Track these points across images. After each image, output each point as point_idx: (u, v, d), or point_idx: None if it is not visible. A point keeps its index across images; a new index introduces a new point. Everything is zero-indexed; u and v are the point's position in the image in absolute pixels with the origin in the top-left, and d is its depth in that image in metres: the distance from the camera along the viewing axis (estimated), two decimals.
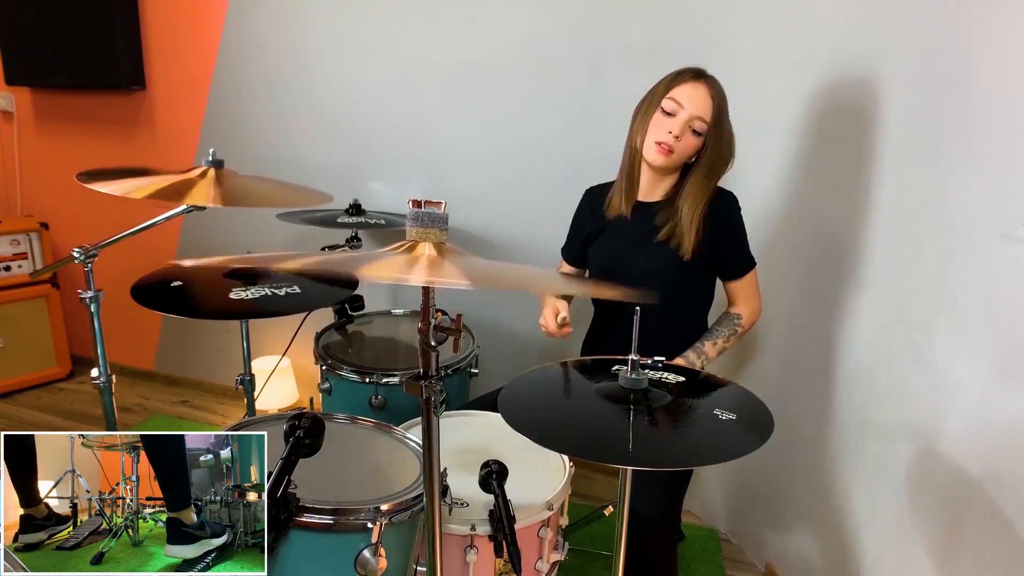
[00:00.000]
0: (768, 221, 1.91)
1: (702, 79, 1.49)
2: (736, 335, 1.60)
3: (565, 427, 1.06)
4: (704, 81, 1.49)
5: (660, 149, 1.50)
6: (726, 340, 1.59)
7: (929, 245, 1.35)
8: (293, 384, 2.73)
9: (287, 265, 0.72)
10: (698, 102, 1.47)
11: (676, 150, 1.49)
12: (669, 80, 1.51)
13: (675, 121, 1.48)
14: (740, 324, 1.61)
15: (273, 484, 0.97)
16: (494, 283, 0.78)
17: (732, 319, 1.61)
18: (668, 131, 1.48)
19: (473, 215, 2.39)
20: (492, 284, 0.77)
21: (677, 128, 1.48)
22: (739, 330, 1.61)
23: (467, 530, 1.19)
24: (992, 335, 1.16)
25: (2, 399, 2.91)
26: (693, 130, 1.49)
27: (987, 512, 1.16)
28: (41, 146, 2.99)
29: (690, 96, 1.48)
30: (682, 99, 1.48)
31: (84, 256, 1.49)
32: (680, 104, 1.48)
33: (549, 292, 1.56)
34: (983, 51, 1.22)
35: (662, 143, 1.49)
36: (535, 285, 0.98)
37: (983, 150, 1.21)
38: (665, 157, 1.50)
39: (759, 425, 1.03)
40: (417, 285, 0.77)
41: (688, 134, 1.49)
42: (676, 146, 1.49)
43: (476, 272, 0.82)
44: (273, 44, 2.50)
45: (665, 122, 1.49)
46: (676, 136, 1.48)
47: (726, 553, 2.12)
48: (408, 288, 2.48)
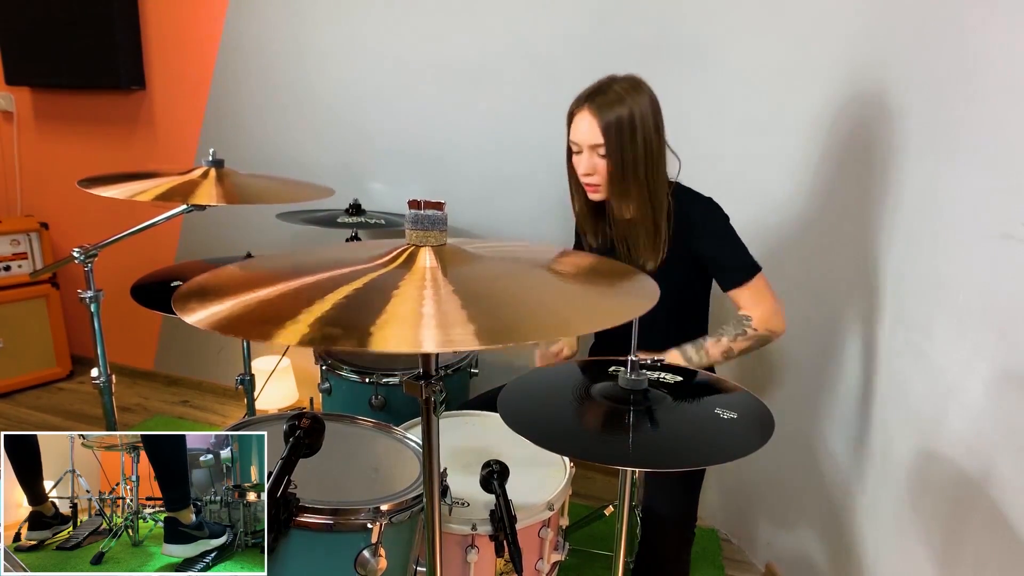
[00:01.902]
0: (768, 221, 1.90)
1: (586, 105, 1.46)
2: (746, 336, 1.53)
3: (565, 428, 1.06)
4: (587, 106, 1.46)
5: (590, 190, 1.52)
6: (733, 340, 1.53)
7: (929, 245, 1.35)
8: (293, 384, 2.73)
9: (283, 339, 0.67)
10: (585, 132, 1.46)
11: (601, 182, 1.49)
12: (567, 120, 1.52)
13: (582, 160, 1.49)
14: (750, 325, 1.53)
15: (273, 484, 0.97)
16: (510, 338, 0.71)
17: (741, 320, 1.55)
18: (582, 172, 1.49)
19: (473, 215, 2.39)
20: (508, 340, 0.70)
21: (584, 167, 1.48)
22: (749, 331, 1.53)
23: (468, 530, 1.19)
24: (992, 335, 1.16)
25: (2, 399, 2.91)
26: (600, 155, 1.47)
27: (987, 512, 1.16)
28: (41, 146, 2.99)
29: (578, 130, 1.48)
30: (576, 138, 1.49)
31: (84, 256, 1.49)
32: (577, 143, 1.49)
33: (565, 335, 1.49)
34: (983, 50, 1.22)
35: (586, 183, 1.51)
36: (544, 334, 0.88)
37: (983, 150, 1.21)
38: (596, 193, 1.51)
39: (760, 425, 1.03)
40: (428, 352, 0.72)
41: (599, 161, 1.47)
42: (598, 179, 1.49)
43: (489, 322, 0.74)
44: (273, 44, 2.50)
45: (578, 163, 1.50)
46: (588, 174, 1.49)
47: (726, 553, 2.12)
48: None
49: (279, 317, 0.71)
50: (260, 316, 0.74)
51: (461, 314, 0.72)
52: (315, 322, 0.70)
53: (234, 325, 0.73)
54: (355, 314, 0.73)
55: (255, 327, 0.72)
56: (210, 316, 0.74)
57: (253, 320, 0.74)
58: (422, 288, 0.78)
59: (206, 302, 0.78)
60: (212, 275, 0.90)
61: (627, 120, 1.43)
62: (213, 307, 0.76)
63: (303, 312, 0.72)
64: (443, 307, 0.74)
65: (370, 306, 0.74)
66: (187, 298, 0.79)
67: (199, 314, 0.75)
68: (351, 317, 0.72)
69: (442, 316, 0.72)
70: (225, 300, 0.78)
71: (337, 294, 0.76)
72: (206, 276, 0.89)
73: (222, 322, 0.73)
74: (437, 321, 0.71)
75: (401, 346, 0.67)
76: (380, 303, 0.74)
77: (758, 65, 1.90)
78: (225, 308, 0.76)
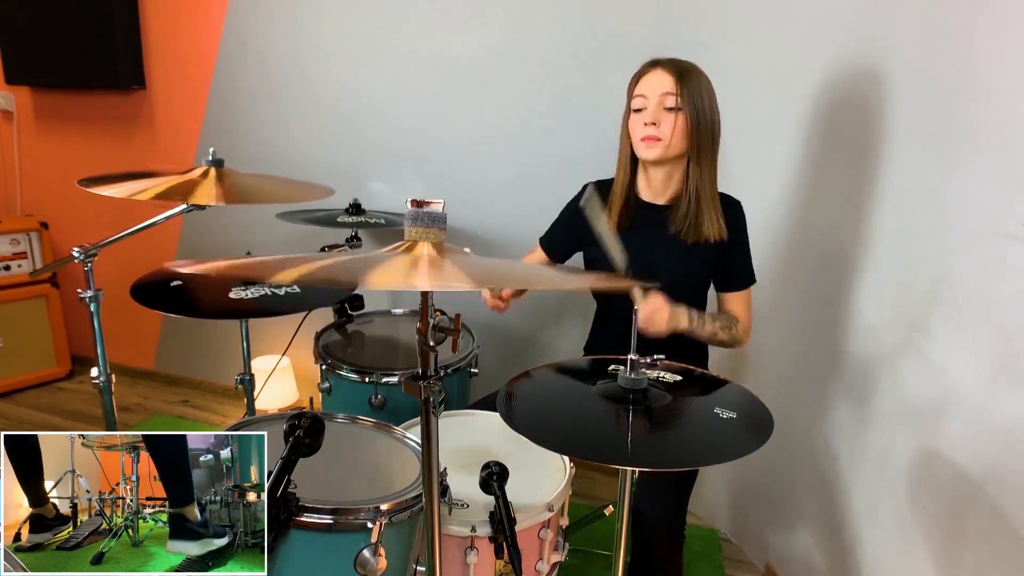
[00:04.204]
0: (768, 221, 1.90)
1: (657, 66, 1.49)
2: (729, 332, 1.55)
3: (564, 428, 1.06)
4: (659, 66, 1.48)
5: (647, 142, 1.48)
6: (720, 328, 1.54)
7: (929, 245, 1.35)
8: (293, 384, 2.73)
9: (285, 276, 0.71)
10: (657, 84, 1.47)
11: (662, 136, 1.47)
12: (631, 83, 1.52)
13: (647, 111, 1.48)
14: (737, 326, 1.56)
15: (273, 484, 0.97)
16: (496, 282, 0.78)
17: (732, 318, 1.58)
18: (644, 122, 1.47)
19: (473, 215, 2.39)
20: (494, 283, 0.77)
21: (650, 115, 1.47)
22: (734, 330, 1.56)
23: (467, 531, 1.19)
24: (992, 335, 1.16)
25: (2, 399, 2.91)
26: (667, 108, 1.46)
27: (987, 512, 1.16)
28: (41, 146, 2.99)
29: (648, 84, 1.48)
30: (644, 90, 1.48)
31: (84, 256, 1.49)
32: (644, 96, 1.48)
33: (550, 287, 1.55)
34: (983, 50, 1.22)
35: (646, 136, 1.48)
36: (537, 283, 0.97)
37: (983, 149, 1.21)
38: (655, 145, 1.48)
39: (759, 425, 1.03)
40: (422, 290, 0.77)
41: (664, 115, 1.46)
42: (659, 132, 1.47)
43: (478, 272, 0.82)
44: (273, 44, 2.50)
45: (640, 116, 1.49)
46: (653, 123, 1.46)
47: (726, 553, 2.12)
48: None
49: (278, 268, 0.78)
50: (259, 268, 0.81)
51: (456, 268, 0.80)
52: (314, 269, 0.77)
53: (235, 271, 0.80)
54: (351, 265, 0.81)
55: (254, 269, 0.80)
56: (211, 267, 0.79)
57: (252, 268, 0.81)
58: (419, 259, 0.83)
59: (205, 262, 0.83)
60: None
61: (702, 81, 1.48)
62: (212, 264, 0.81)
63: (301, 265, 0.79)
64: (438, 263, 0.81)
65: (366, 263, 0.81)
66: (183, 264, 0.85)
67: (201, 266, 0.79)
68: (347, 267, 0.80)
69: (437, 266, 0.79)
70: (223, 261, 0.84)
71: (332, 260, 0.83)
72: None
73: (223, 269, 0.79)
74: (431, 269, 0.78)
75: (395, 282, 0.75)
76: (377, 261, 0.81)
77: (757, 65, 1.90)
78: (224, 264, 0.81)
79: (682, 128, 1.47)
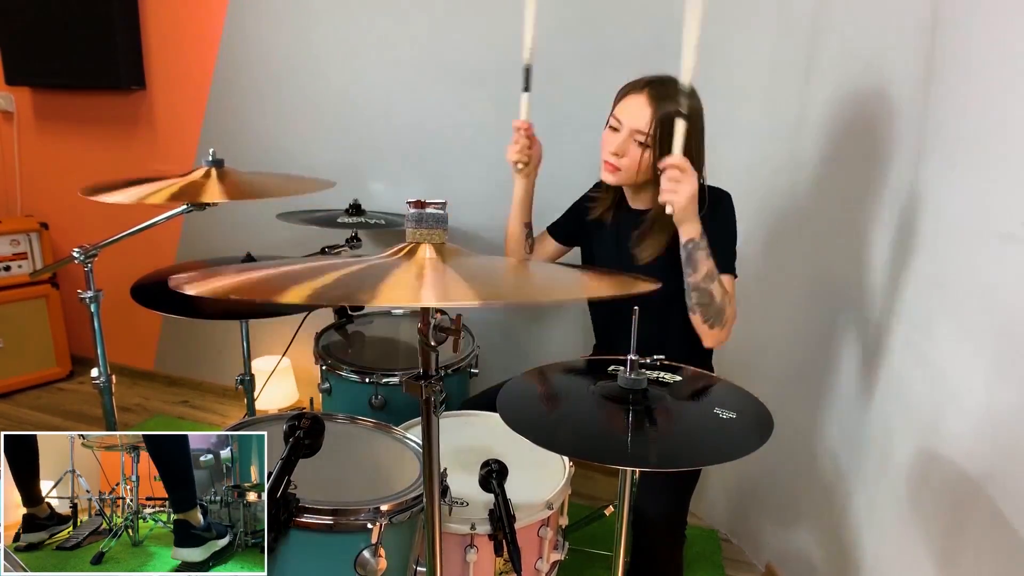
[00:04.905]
0: (766, 221, 1.90)
1: (644, 89, 1.44)
2: (722, 296, 1.41)
3: (564, 428, 1.06)
4: (646, 90, 1.43)
5: (605, 167, 1.49)
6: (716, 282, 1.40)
7: (929, 244, 1.35)
8: (293, 384, 2.73)
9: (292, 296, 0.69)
10: (635, 115, 1.43)
11: (622, 167, 1.46)
12: (617, 94, 1.49)
13: (616, 138, 1.45)
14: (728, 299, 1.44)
15: (273, 484, 0.97)
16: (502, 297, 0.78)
17: None
18: (611, 150, 1.46)
19: (473, 215, 2.39)
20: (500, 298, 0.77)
21: (615, 146, 1.45)
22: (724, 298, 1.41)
23: (467, 529, 1.20)
24: (992, 335, 1.16)
25: (2, 399, 2.91)
26: (637, 142, 1.44)
27: (988, 512, 1.16)
28: (41, 146, 2.99)
29: (628, 110, 1.44)
30: (622, 115, 1.45)
31: (84, 256, 1.49)
32: (620, 120, 1.45)
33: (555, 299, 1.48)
34: (983, 49, 1.22)
35: (607, 162, 1.48)
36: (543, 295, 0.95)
37: (983, 149, 1.21)
38: (612, 175, 1.48)
39: (759, 425, 1.03)
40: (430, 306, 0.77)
41: (632, 147, 1.44)
42: (620, 163, 1.46)
43: (483, 285, 0.81)
44: (273, 44, 2.50)
45: (609, 140, 1.47)
46: (615, 153, 1.45)
47: (726, 553, 2.12)
48: None
49: (283, 285, 0.77)
50: (263, 285, 0.80)
51: (461, 282, 0.78)
52: (320, 288, 0.75)
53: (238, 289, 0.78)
54: (357, 281, 0.79)
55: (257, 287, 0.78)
56: (214, 287, 0.78)
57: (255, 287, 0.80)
58: (423, 268, 0.82)
59: (208, 279, 0.81)
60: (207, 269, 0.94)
61: (686, 118, 1.37)
62: (215, 282, 0.80)
63: (305, 283, 0.77)
64: (443, 277, 0.80)
65: (371, 278, 0.80)
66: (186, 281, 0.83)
67: (203, 285, 0.78)
68: (353, 283, 0.78)
69: (441, 281, 0.78)
70: (226, 278, 0.82)
71: (338, 272, 0.80)
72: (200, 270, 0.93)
73: (227, 289, 0.77)
74: (436, 283, 0.77)
75: (402, 300, 0.75)
76: (382, 275, 0.80)
77: (756, 65, 1.90)
78: (228, 281, 0.80)
79: (647, 163, 1.44)
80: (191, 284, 0.78)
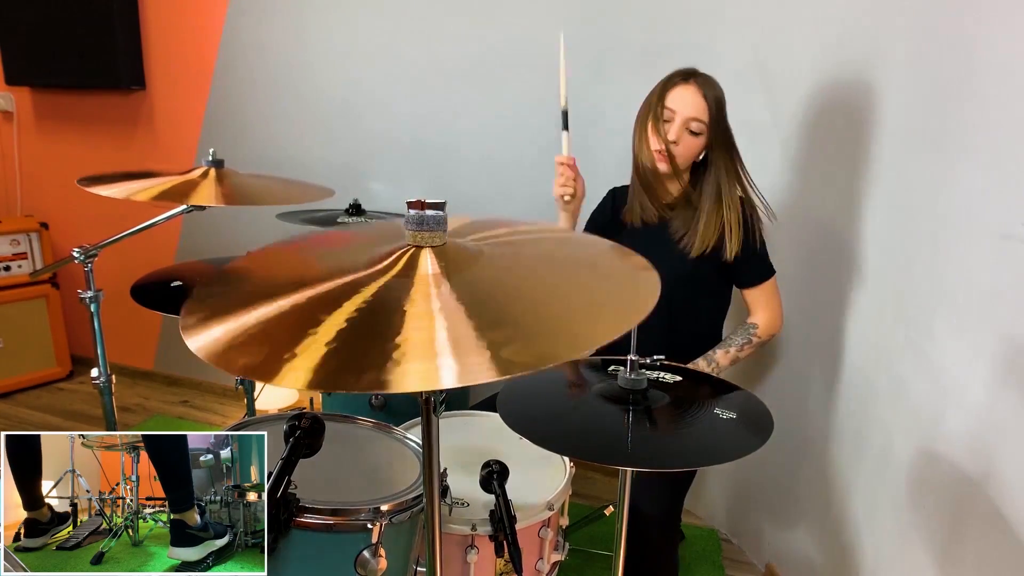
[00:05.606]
0: (768, 220, 1.90)
1: (692, 80, 1.50)
2: (751, 344, 1.60)
3: (564, 427, 1.06)
4: (694, 81, 1.50)
5: (659, 157, 1.52)
6: (739, 349, 1.59)
7: (929, 244, 1.35)
8: None
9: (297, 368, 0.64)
10: (690, 103, 1.49)
11: (677, 154, 1.51)
12: (661, 87, 1.53)
13: (671, 126, 1.50)
14: (756, 333, 1.60)
15: (273, 484, 0.97)
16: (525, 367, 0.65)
17: (748, 328, 1.61)
18: (665, 137, 1.50)
19: (473, 215, 2.39)
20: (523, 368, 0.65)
21: (673, 133, 1.50)
22: (754, 339, 1.60)
23: (468, 530, 1.19)
24: (992, 335, 1.16)
25: (2, 399, 2.91)
26: (690, 131, 1.50)
27: (987, 512, 1.16)
28: (41, 146, 2.99)
29: (681, 99, 1.50)
30: (674, 104, 1.50)
31: (84, 256, 1.49)
32: (673, 109, 1.50)
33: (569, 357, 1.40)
34: (983, 49, 1.22)
35: (660, 150, 1.51)
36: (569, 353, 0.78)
37: (983, 148, 1.21)
38: (666, 164, 1.52)
39: (759, 425, 1.03)
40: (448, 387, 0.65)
41: (686, 136, 1.50)
42: (675, 150, 1.51)
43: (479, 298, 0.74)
44: (273, 44, 2.50)
45: (664, 130, 1.51)
46: (673, 141, 1.50)
47: (726, 553, 2.12)
48: None
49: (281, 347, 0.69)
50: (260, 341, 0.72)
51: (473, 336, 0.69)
52: (324, 356, 0.67)
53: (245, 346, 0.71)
54: (365, 343, 0.69)
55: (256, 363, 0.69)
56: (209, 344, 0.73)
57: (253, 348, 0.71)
58: (428, 299, 0.75)
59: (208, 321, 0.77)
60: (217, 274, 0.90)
61: (723, 108, 1.52)
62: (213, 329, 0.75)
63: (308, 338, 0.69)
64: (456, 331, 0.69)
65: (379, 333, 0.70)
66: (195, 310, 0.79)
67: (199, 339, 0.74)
68: (361, 347, 0.68)
69: (456, 341, 0.68)
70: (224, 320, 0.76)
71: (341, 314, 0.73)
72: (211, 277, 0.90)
73: (219, 358, 0.71)
74: (452, 347, 0.67)
75: (421, 385, 0.64)
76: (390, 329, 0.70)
77: (755, 65, 1.90)
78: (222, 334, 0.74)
79: (698, 150, 1.53)
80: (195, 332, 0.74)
